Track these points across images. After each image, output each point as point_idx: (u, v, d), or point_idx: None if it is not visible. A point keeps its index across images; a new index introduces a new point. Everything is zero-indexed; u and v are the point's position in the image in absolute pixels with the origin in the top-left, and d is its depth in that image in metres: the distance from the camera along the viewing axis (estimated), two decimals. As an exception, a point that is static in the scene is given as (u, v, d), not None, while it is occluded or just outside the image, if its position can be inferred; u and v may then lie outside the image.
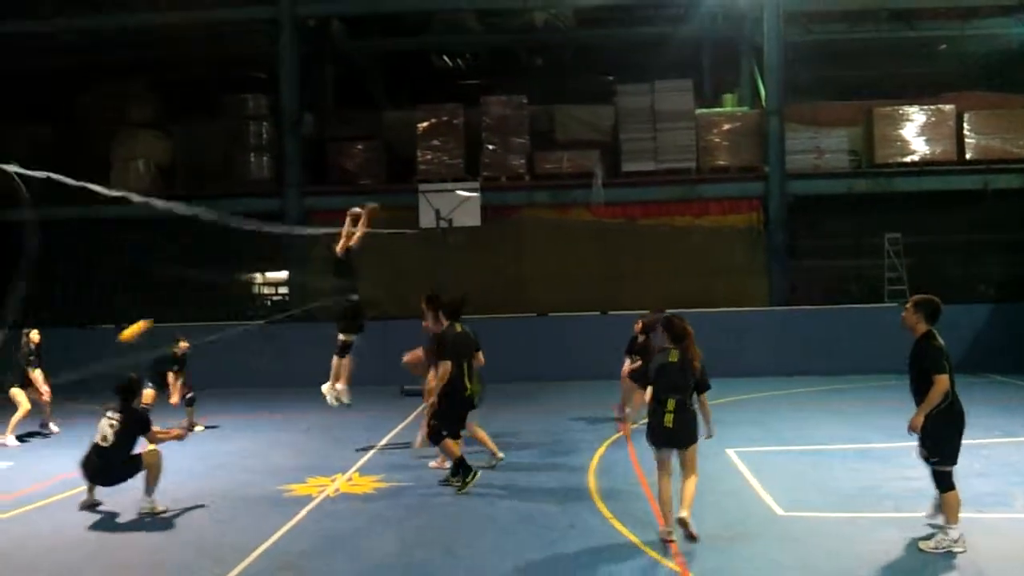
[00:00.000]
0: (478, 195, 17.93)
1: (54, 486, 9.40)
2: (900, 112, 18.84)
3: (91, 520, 8.15)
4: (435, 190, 18.10)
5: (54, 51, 20.21)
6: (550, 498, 8.49)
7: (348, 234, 10.79)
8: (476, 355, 9.31)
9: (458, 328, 9.11)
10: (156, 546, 7.44)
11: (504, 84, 20.84)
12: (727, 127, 19.15)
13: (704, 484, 7.36)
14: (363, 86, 23.62)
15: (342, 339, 11.00)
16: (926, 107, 18.84)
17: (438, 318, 9.42)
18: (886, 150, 18.80)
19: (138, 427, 8.30)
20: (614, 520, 7.61)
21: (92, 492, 8.42)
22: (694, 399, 6.96)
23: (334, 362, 11.05)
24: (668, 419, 6.84)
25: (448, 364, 8.73)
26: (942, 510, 6.62)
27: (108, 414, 8.33)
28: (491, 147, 19.03)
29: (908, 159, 18.75)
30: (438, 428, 8.93)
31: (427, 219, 17.77)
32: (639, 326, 12.44)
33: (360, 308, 11.09)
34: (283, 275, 20.25)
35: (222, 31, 20.79)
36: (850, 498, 8.07)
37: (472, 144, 19.11)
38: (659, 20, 21.08)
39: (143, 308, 17.84)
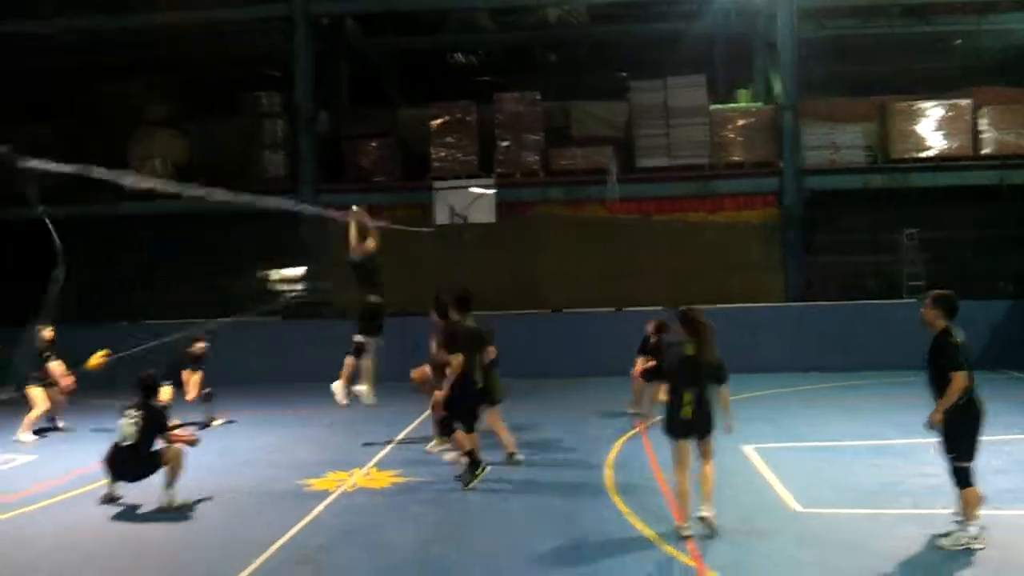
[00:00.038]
0: (492, 192, 17.95)
1: (73, 480, 9.51)
2: (916, 107, 18.68)
3: (111, 513, 8.24)
4: (450, 187, 18.12)
5: (66, 51, 20.29)
6: (566, 493, 8.51)
7: (357, 239, 10.92)
8: (486, 349, 9.35)
9: (468, 322, 9.14)
10: (175, 540, 7.52)
11: (518, 81, 20.79)
12: (741, 123, 19.05)
13: (720, 480, 7.38)
14: (378, 84, 23.66)
15: (359, 339, 11.07)
16: (942, 102, 18.68)
17: (447, 316, 9.45)
18: (902, 145, 18.66)
19: (156, 425, 8.37)
20: (630, 515, 7.62)
21: (113, 486, 8.50)
22: (711, 390, 7.01)
23: (347, 361, 11.11)
24: (687, 411, 6.92)
25: (459, 357, 8.75)
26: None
27: (127, 412, 8.40)
28: (505, 144, 19.00)
29: (924, 154, 18.62)
30: (449, 420, 8.97)
31: (442, 216, 17.81)
32: (651, 326, 12.48)
33: (379, 310, 11.13)
34: (300, 271, 20.28)
35: (237, 29, 20.86)
36: (868, 494, 8.05)
37: (486, 141, 19.08)
38: (672, 16, 21.02)
39: (160, 304, 18.13)
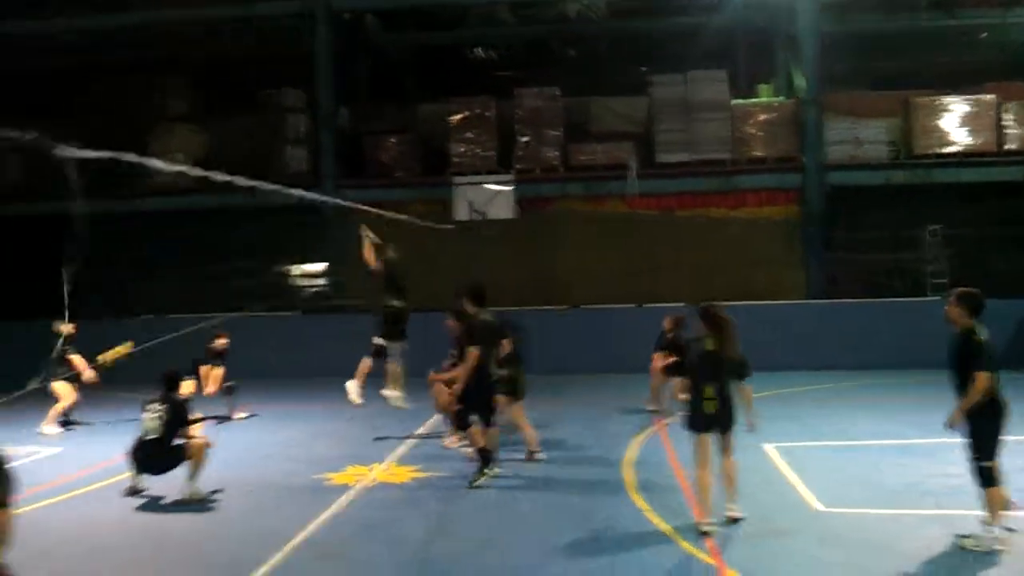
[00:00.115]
0: (512, 188, 17.94)
1: (97, 473, 9.61)
2: (939, 102, 18.50)
3: (135, 505, 8.31)
4: (469, 183, 18.14)
5: (88, 48, 20.46)
6: (585, 490, 8.51)
7: (372, 253, 11.06)
8: (502, 343, 9.36)
9: (485, 315, 9.16)
10: (198, 531, 7.60)
11: (537, 76, 20.78)
12: (763, 118, 18.93)
13: (741, 478, 7.35)
14: (397, 79, 23.71)
15: (378, 342, 11.10)
16: (966, 97, 18.48)
17: (464, 316, 9.44)
18: (925, 141, 18.49)
19: (179, 418, 8.45)
20: (650, 512, 7.61)
21: (137, 479, 8.58)
22: (733, 386, 7.04)
23: (364, 362, 11.15)
24: (711, 405, 6.97)
25: (476, 350, 8.76)
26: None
27: (150, 407, 8.48)
28: (525, 139, 19.00)
29: (948, 150, 18.43)
30: (465, 413, 8.97)
31: (462, 212, 17.85)
32: (668, 322, 12.45)
33: (402, 314, 11.16)
34: (321, 267, 20.36)
35: (257, 25, 20.97)
36: (891, 494, 7.98)
37: (506, 136, 19.08)
38: (693, 10, 20.90)
39: (181, 298, 18.24)
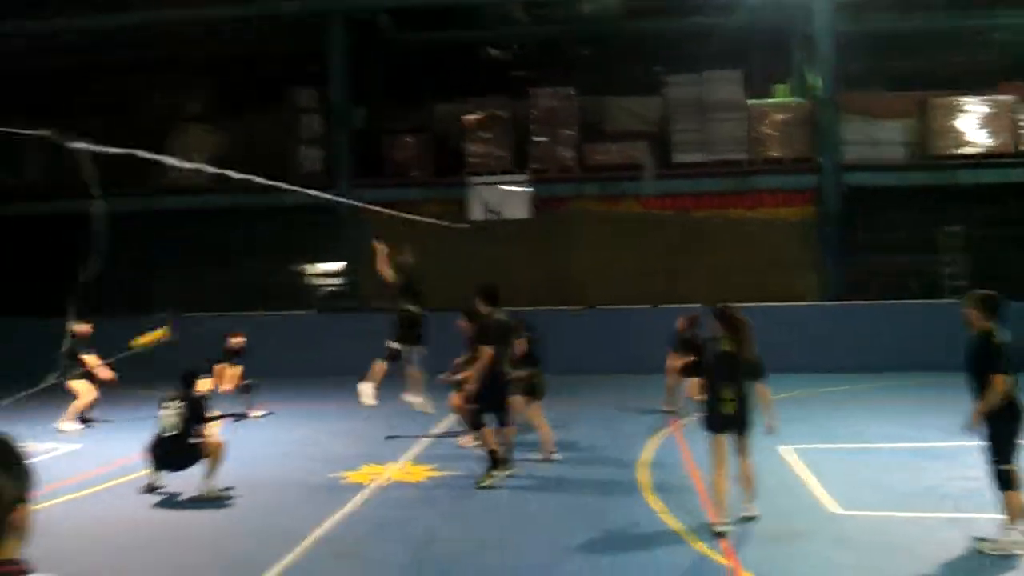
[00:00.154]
0: (527, 188, 17.93)
1: (115, 470, 9.68)
2: (956, 103, 18.36)
3: (152, 502, 8.38)
4: (484, 183, 18.15)
5: (105, 48, 20.59)
6: (600, 491, 8.52)
7: (387, 268, 11.13)
8: (515, 342, 9.37)
9: (498, 315, 9.17)
10: (214, 528, 7.66)
11: (551, 75, 20.76)
12: (779, 118, 18.83)
13: (757, 480, 7.36)
14: (412, 79, 23.74)
15: (393, 346, 11.13)
16: (983, 98, 18.34)
17: (478, 316, 9.46)
18: (942, 142, 18.33)
19: (195, 416, 8.52)
20: (664, 513, 7.60)
21: (155, 476, 8.65)
22: (750, 387, 7.06)
23: (377, 364, 11.18)
24: (728, 406, 6.99)
25: (490, 350, 8.77)
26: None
27: (167, 403, 8.55)
28: (540, 139, 18.99)
29: (965, 151, 18.30)
30: (479, 413, 8.97)
31: (477, 212, 17.86)
32: (683, 322, 12.42)
33: (418, 319, 11.21)
34: (337, 266, 20.44)
35: (272, 25, 21.03)
36: (907, 498, 7.95)
37: (521, 136, 19.05)
38: (708, 9, 20.81)
39: (195, 297, 18.35)
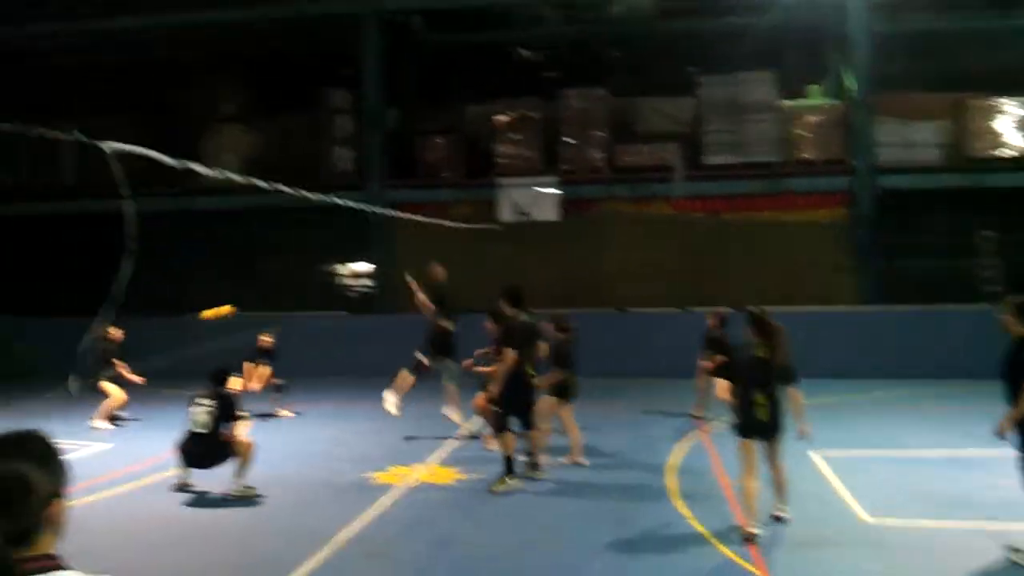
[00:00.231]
0: (557, 189, 17.90)
1: (146, 468, 9.81)
2: (994, 104, 18.07)
3: (182, 500, 8.48)
4: (514, 184, 18.15)
5: (140, 48, 20.87)
6: (628, 495, 8.48)
7: (423, 301, 11.24)
8: (539, 345, 9.35)
9: (523, 317, 9.14)
10: (244, 527, 7.72)
11: (583, 76, 20.71)
12: (813, 119, 18.63)
13: (788, 486, 7.28)
14: (444, 80, 23.82)
15: (421, 359, 11.18)
16: (1021, 99, 18.01)
17: (502, 318, 9.44)
18: (979, 144, 18.05)
19: (226, 414, 8.60)
20: (692, 520, 7.55)
21: (185, 474, 8.74)
22: (781, 391, 7.01)
23: (403, 374, 11.22)
24: (761, 412, 6.92)
25: (513, 352, 8.75)
26: None
27: (199, 401, 8.64)
28: (570, 141, 18.96)
29: (1002, 153, 17.98)
30: (503, 416, 8.93)
31: (507, 213, 17.88)
32: (713, 320, 12.27)
33: (449, 335, 11.25)
34: (367, 267, 20.54)
35: (307, 27, 21.19)
36: (941, 506, 7.83)
37: (551, 138, 19.05)
38: (742, 10, 20.64)
39: (230, 298, 18.52)
